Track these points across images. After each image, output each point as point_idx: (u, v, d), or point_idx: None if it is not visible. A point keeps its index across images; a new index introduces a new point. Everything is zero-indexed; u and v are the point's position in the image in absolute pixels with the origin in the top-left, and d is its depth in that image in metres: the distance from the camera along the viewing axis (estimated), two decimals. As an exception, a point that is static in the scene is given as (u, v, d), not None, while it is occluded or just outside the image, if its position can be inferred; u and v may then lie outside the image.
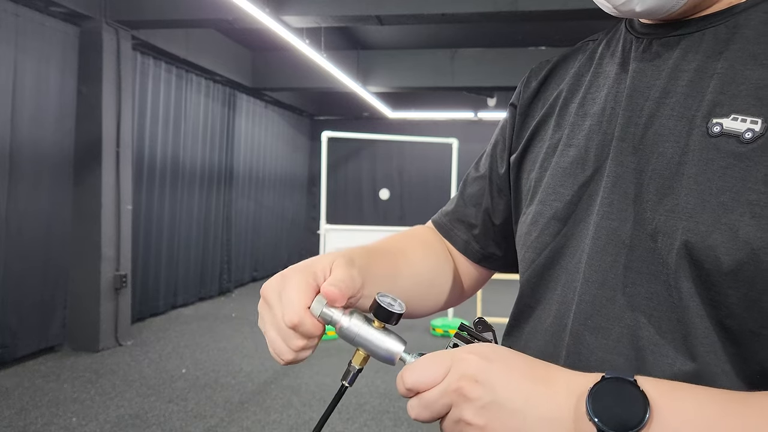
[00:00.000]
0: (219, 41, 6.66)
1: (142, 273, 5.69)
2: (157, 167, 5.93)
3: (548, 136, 0.68)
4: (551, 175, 0.65)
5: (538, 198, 0.66)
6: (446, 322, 5.69)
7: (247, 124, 7.99)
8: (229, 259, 7.59)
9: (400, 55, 7.18)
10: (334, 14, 4.76)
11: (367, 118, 9.86)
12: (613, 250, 0.57)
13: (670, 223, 0.53)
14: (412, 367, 0.52)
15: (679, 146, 0.54)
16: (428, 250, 0.80)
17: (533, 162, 0.69)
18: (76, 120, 4.72)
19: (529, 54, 6.77)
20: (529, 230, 0.67)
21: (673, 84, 0.57)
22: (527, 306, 0.67)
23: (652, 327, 0.53)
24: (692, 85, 0.56)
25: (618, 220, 0.57)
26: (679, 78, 0.57)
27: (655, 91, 0.58)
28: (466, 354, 0.52)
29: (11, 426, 3.23)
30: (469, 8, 4.52)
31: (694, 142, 0.54)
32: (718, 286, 0.50)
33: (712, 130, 0.52)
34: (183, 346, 4.95)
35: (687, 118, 0.55)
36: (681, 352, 0.52)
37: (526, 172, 0.71)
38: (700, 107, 0.54)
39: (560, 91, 0.70)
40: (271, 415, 3.52)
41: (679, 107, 0.56)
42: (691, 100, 0.55)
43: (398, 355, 0.57)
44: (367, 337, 0.58)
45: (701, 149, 0.53)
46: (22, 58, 4.21)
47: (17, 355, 4.25)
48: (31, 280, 4.37)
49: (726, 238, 0.49)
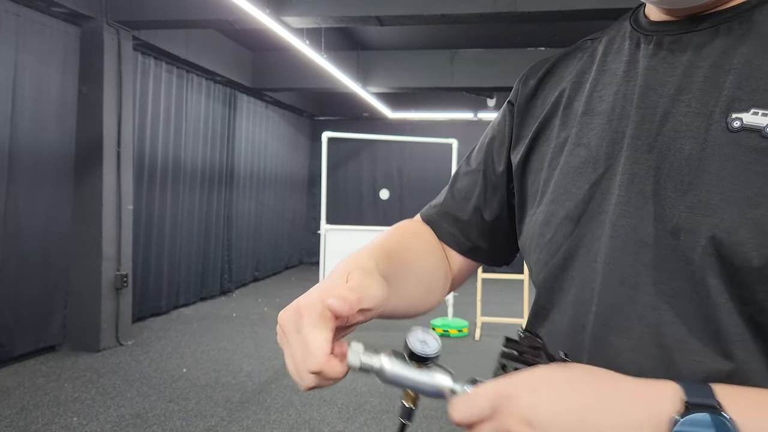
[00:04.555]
0: (219, 42, 6.67)
1: (142, 273, 5.69)
2: (158, 167, 5.94)
3: (554, 135, 0.68)
4: (561, 174, 0.64)
5: (548, 198, 0.65)
6: (446, 321, 5.70)
7: (248, 125, 8.00)
8: (229, 259, 7.60)
9: (400, 55, 7.18)
10: (334, 15, 4.77)
11: (367, 119, 9.86)
12: (632, 248, 0.56)
13: (693, 220, 0.52)
14: (459, 403, 0.50)
15: (697, 142, 0.54)
16: (428, 247, 0.79)
17: (540, 162, 0.69)
18: (77, 120, 4.73)
19: (529, 54, 6.77)
20: (542, 231, 0.65)
21: (689, 80, 0.56)
22: (542, 308, 0.66)
23: (679, 325, 0.52)
24: (708, 81, 0.55)
25: (636, 218, 0.56)
26: (694, 74, 0.56)
27: (670, 88, 0.57)
28: (515, 389, 0.49)
29: (12, 425, 3.24)
30: (468, 9, 4.52)
31: (714, 137, 0.53)
32: (747, 283, 0.49)
33: (732, 126, 0.52)
34: (184, 345, 4.96)
35: (704, 114, 0.54)
36: (711, 349, 0.51)
37: (533, 172, 0.70)
38: (717, 103, 0.54)
39: (563, 89, 0.69)
40: (272, 415, 3.53)
41: (696, 103, 0.55)
42: (708, 96, 0.54)
43: (447, 389, 0.54)
44: (411, 378, 0.55)
45: (722, 145, 0.52)
46: (23, 58, 4.22)
47: (16, 354, 4.25)
48: (31, 279, 4.38)
49: (753, 234, 0.49)
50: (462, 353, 4.99)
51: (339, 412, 3.61)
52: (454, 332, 5.55)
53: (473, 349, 5.15)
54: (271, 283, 8.50)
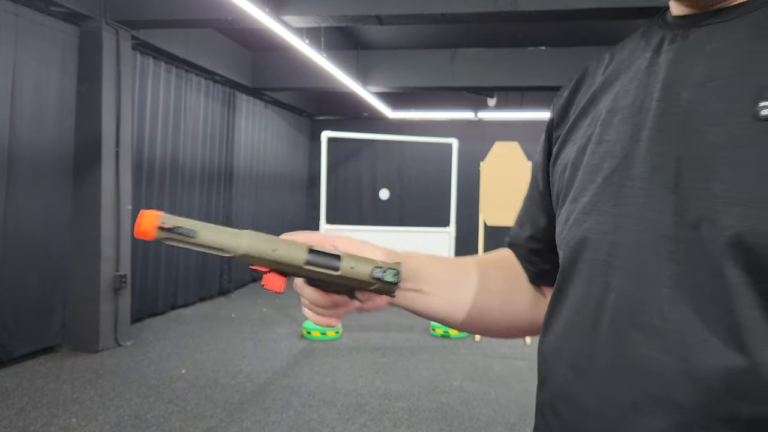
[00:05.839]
0: (219, 41, 6.66)
1: (141, 273, 5.68)
2: (157, 167, 5.93)
3: (579, 135, 0.67)
4: (583, 173, 0.64)
5: (570, 197, 0.65)
6: (446, 322, 5.68)
7: (247, 124, 7.99)
8: (229, 260, 7.58)
9: (400, 55, 7.17)
10: (333, 14, 4.76)
11: (367, 118, 9.85)
12: (653, 241, 0.54)
13: (716, 210, 0.51)
14: None
15: (723, 131, 0.52)
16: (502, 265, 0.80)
17: (564, 163, 0.69)
18: (76, 120, 4.72)
19: (529, 54, 6.76)
20: (561, 230, 0.66)
21: (716, 68, 0.55)
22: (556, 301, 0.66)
23: (699, 320, 0.51)
24: (736, 69, 0.53)
25: (657, 211, 0.55)
26: (720, 63, 0.55)
27: (696, 77, 0.56)
28: None
29: (11, 426, 3.23)
30: (468, 8, 4.51)
31: (740, 126, 0.51)
32: None
33: (761, 114, 0.50)
34: (183, 346, 4.95)
35: (731, 101, 0.52)
36: (730, 346, 0.49)
37: (558, 174, 0.70)
38: (745, 91, 0.52)
39: (593, 92, 0.69)
40: (271, 416, 3.51)
41: (722, 92, 0.53)
42: (735, 84, 0.53)
43: None
44: None
45: (750, 134, 0.50)
46: (22, 57, 4.21)
47: (15, 355, 4.24)
48: (29, 280, 4.37)
49: None
50: (462, 354, 4.98)
51: (338, 413, 3.60)
52: (454, 333, 5.54)
53: (473, 349, 5.14)
54: (271, 283, 8.47)
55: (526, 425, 3.49)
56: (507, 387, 4.18)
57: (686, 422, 0.50)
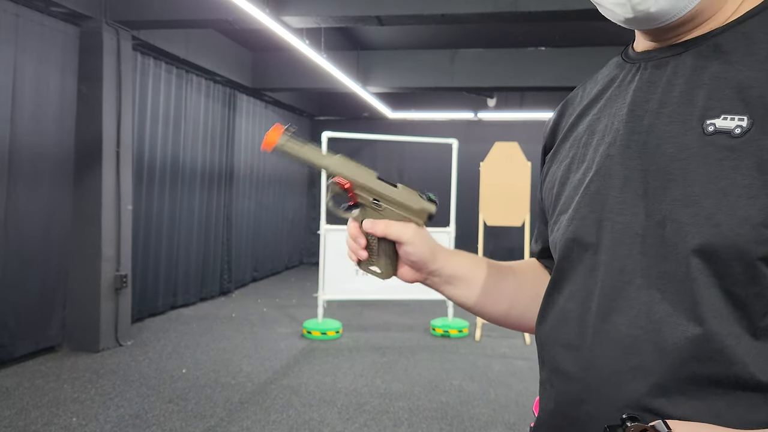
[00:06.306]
0: (219, 41, 6.66)
1: (142, 273, 5.69)
2: (157, 167, 5.93)
3: (563, 156, 0.80)
4: (569, 188, 0.77)
5: (559, 208, 0.78)
6: (446, 322, 5.69)
7: (247, 125, 7.99)
8: (229, 260, 7.59)
9: (400, 55, 7.18)
10: (334, 14, 4.76)
11: (367, 119, 9.86)
12: (628, 240, 0.66)
13: (677, 210, 0.62)
14: None
15: (678, 146, 0.64)
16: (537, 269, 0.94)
17: (552, 181, 0.81)
18: (76, 120, 4.73)
19: (529, 54, 6.77)
20: (553, 236, 0.78)
21: (668, 96, 0.67)
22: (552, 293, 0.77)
23: (666, 301, 0.62)
24: (684, 95, 0.66)
25: (631, 214, 0.66)
26: (672, 91, 0.67)
27: (653, 104, 0.68)
28: None
29: (11, 426, 3.24)
30: (469, 9, 4.52)
31: (692, 141, 0.63)
32: (723, 259, 0.59)
33: (707, 130, 0.62)
34: (183, 346, 4.95)
35: (683, 122, 0.64)
36: (691, 320, 0.61)
37: (548, 191, 0.83)
38: (693, 112, 0.64)
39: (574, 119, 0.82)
40: (271, 415, 3.52)
41: (676, 114, 0.65)
42: (684, 107, 0.65)
43: None
44: None
45: (699, 146, 0.62)
46: (22, 58, 4.22)
47: (15, 355, 4.25)
48: (30, 280, 4.37)
49: (728, 217, 0.58)
50: (462, 353, 4.99)
51: (339, 412, 3.60)
52: (454, 332, 5.55)
53: (473, 349, 5.15)
54: (271, 283, 8.49)
55: (526, 425, 3.49)
56: (507, 387, 4.18)
57: (660, 384, 0.61)
